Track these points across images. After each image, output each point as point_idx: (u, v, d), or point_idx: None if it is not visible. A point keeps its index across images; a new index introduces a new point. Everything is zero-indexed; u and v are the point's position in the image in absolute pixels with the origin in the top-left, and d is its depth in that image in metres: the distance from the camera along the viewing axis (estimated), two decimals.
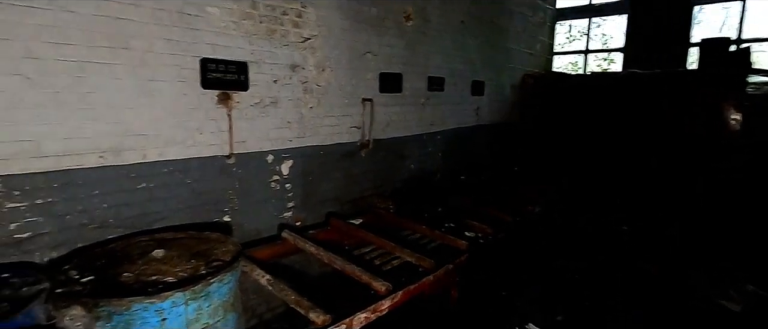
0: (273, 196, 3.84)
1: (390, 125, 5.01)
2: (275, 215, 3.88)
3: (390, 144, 5.05)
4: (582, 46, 8.82)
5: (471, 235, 3.96)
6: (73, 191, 2.65)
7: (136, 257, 2.49)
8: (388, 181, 5.12)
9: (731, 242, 5.04)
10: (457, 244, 3.54)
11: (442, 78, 5.72)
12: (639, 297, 3.98)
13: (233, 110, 3.40)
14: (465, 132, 6.43)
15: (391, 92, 4.93)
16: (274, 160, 3.79)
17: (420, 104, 5.44)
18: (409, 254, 3.25)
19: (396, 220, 4.07)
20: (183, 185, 3.20)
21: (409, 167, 5.43)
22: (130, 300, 1.92)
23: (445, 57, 5.74)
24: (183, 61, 3.06)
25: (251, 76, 3.49)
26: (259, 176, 3.70)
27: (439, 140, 5.90)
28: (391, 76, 4.89)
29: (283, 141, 3.84)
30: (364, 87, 4.58)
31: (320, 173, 4.26)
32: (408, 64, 5.13)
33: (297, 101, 3.90)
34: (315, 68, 4.01)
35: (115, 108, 2.77)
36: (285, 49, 3.72)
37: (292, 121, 3.90)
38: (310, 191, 4.18)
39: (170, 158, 3.09)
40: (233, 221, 3.55)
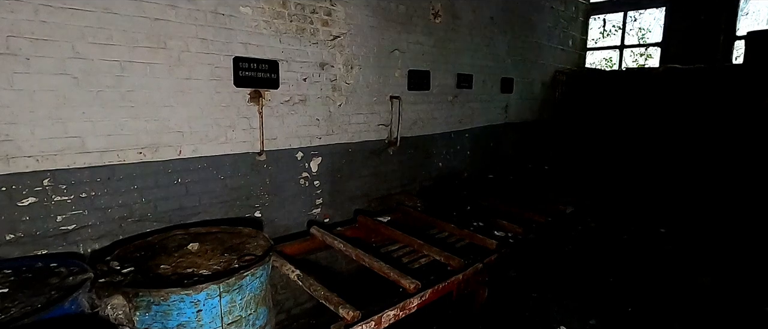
0: (302, 193, 3.89)
1: (417, 123, 4.98)
2: (304, 211, 3.93)
3: (417, 142, 5.03)
4: (617, 41, 8.49)
5: (501, 234, 3.89)
6: (114, 186, 2.77)
7: (172, 250, 2.58)
8: (416, 179, 5.10)
9: None
10: (486, 243, 3.48)
11: (470, 75, 5.64)
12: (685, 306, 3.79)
13: (264, 108, 3.46)
14: (494, 130, 6.33)
15: (418, 89, 4.90)
16: (303, 157, 3.84)
17: (448, 102, 5.38)
18: (438, 252, 3.22)
19: (424, 218, 4.04)
20: (216, 181, 3.29)
21: (436, 165, 5.39)
22: (169, 291, 1.98)
23: (473, 54, 5.65)
24: (217, 60, 3.14)
25: (281, 74, 3.55)
26: (289, 173, 3.76)
27: (467, 138, 5.82)
28: (418, 73, 4.86)
29: (311, 138, 3.88)
30: (391, 85, 4.57)
31: (348, 171, 4.28)
32: (436, 62, 5.08)
33: (325, 99, 3.94)
34: (343, 66, 4.04)
35: (153, 106, 2.87)
36: (314, 48, 3.76)
37: (321, 118, 3.93)
38: (338, 188, 4.21)
39: (204, 154, 3.18)
40: (264, 217, 3.62)
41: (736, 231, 5.19)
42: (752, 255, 4.67)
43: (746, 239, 5.02)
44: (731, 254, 4.72)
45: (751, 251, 4.76)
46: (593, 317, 3.62)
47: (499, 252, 3.39)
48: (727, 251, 4.79)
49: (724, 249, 4.84)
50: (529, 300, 3.83)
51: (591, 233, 5.16)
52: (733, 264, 4.50)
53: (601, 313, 3.64)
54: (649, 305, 3.78)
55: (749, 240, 4.97)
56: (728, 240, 5.02)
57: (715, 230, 5.29)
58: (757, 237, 5.01)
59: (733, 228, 5.26)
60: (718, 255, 4.72)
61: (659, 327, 3.52)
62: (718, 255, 4.72)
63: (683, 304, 3.82)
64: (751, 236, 5.05)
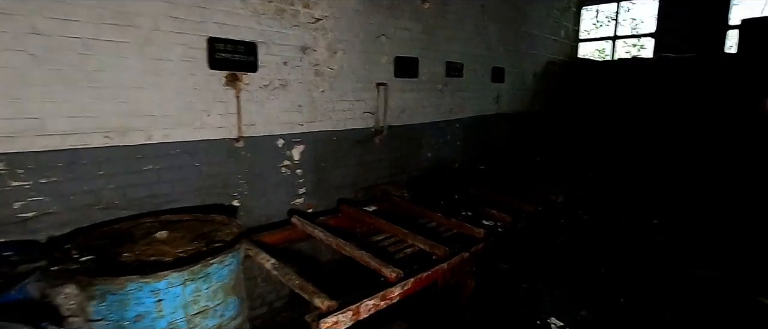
0: (283, 181, 3.75)
1: (405, 112, 4.85)
2: (286, 200, 3.79)
3: (406, 131, 4.90)
4: (610, 32, 8.40)
5: (489, 224, 3.77)
6: (78, 171, 2.61)
7: (139, 237, 2.44)
8: (404, 169, 4.97)
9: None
10: (474, 232, 3.37)
11: (460, 64, 5.51)
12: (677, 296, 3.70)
13: (242, 92, 3.32)
14: (485, 120, 6.21)
15: (406, 77, 4.77)
16: (284, 144, 3.70)
17: (437, 91, 5.25)
18: (423, 241, 3.10)
19: (411, 208, 3.92)
20: (191, 168, 3.14)
21: (426, 155, 5.26)
22: (125, 278, 1.85)
23: (463, 42, 5.52)
24: (190, 40, 2.98)
25: (260, 57, 3.40)
26: (269, 161, 3.61)
27: (457, 128, 5.70)
28: (406, 60, 4.72)
29: (293, 125, 3.74)
30: (378, 71, 4.43)
31: (333, 159, 4.14)
32: (425, 49, 4.95)
33: (308, 84, 3.79)
34: (326, 50, 3.89)
35: (121, 87, 2.72)
36: (295, 30, 3.61)
37: (303, 104, 3.79)
38: (322, 177, 4.07)
39: (177, 139, 3.03)
40: (243, 206, 3.48)
41: (728, 221, 5.12)
42: (745, 244, 4.60)
43: (738, 228, 4.95)
44: (724, 244, 4.65)
45: (743, 240, 4.69)
46: (585, 308, 3.52)
47: (486, 241, 3.27)
48: (719, 241, 4.71)
49: (717, 239, 4.77)
50: (519, 290, 3.73)
51: (583, 224, 5.06)
52: (726, 253, 4.43)
53: (592, 304, 3.55)
54: (641, 296, 3.68)
55: (742, 230, 4.90)
56: (721, 230, 4.95)
57: (708, 220, 5.21)
58: (750, 226, 4.95)
59: (725, 218, 5.18)
60: (711, 245, 4.65)
61: (651, 317, 3.43)
62: (710, 245, 4.65)
63: (675, 294, 3.73)
64: (743, 226, 4.98)
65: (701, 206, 5.53)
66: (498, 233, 3.57)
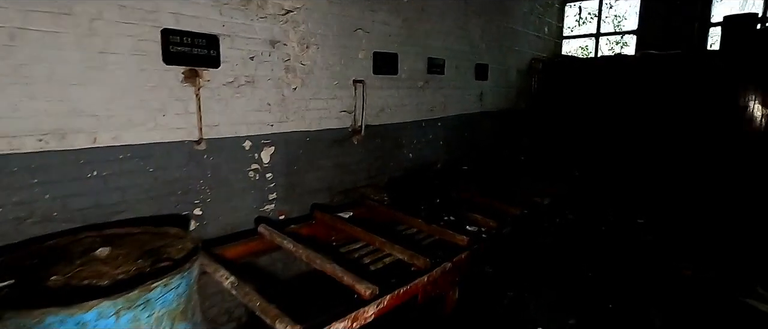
0: (252, 186, 3.46)
1: (385, 110, 4.60)
2: (255, 207, 3.50)
3: (385, 131, 4.65)
4: (592, 29, 8.33)
5: (473, 229, 3.56)
6: (6, 180, 2.28)
7: (76, 255, 2.12)
8: (384, 171, 4.73)
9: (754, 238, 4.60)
10: (457, 240, 3.15)
11: (442, 60, 5.29)
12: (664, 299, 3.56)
13: (202, 89, 3.01)
14: (468, 119, 6.01)
15: (385, 73, 4.52)
16: (252, 146, 3.41)
17: (418, 88, 5.02)
18: (401, 251, 2.86)
19: (390, 213, 3.68)
20: (144, 174, 2.83)
21: (407, 155, 5.03)
22: (43, 311, 1.55)
23: (445, 37, 5.30)
24: (140, 31, 2.67)
25: (223, 51, 3.10)
26: (235, 164, 3.32)
27: (439, 127, 5.48)
28: (385, 56, 4.47)
29: (262, 126, 3.45)
30: (355, 67, 4.17)
31: (307, 162, 3.87)
32: (405, 44, 4.71)
33: (278, 81, 3.51)
34: (298, 45, 3.61)
35: (57, 84, 2.39)
36: (263, 23, 3.32)
37: (273, 103, 3.51)
38: (295, 181, 3.79)
39: (128, 142, 2.72)
40: (206, 214, 3.18)
41: (714, 220, 5.04)
42: (730, 243, 4.51)
43: (724, 227, 4.87)
44: (710, 243, 4.55)
45: (729, 240, 4.61)
46: (573, 316, 3.34)
47: (470, 249, 3.05)
48: (706, 240, 4.62)
49: (703, 238, 4.68)
50: (504, 298, 3.52)
51: (569, 225, 4.91)
52: (712, 253, 4.33)
53: (580, 311, 3.37)
54: (630, 300, 3.53)
55: (727, 229, 4.83)
56: (707, 229, 4.87)
57: (694, 219, 5.13)
58: (735, 225, 4.87)
59: (711, 216, 5.11)
60: (698, 244, 4.55)
61: (639, 322, 3.27)
62: (697, 244, 4.55)
63: (665, 298, 3.59)
64: (728, 224, 4.90)
65: (687, 203, 5.45)
66: (482, 239, 3.35)
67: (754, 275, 3.91)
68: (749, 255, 4.31)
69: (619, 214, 5.36)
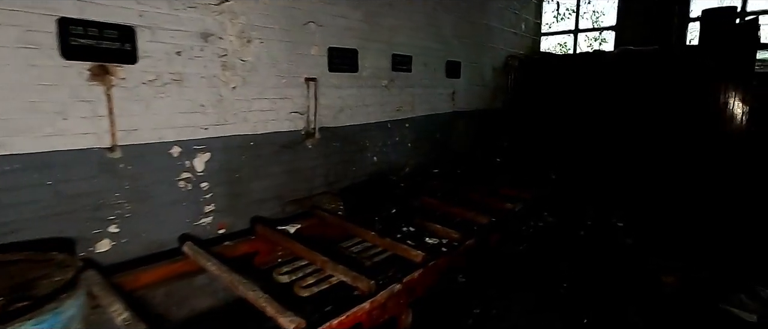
0: (183, 198, 3.06)
1: (344, 111, 4.24)
2: (188, 221, 3.11)
3: (346, 133, 4.29)
4: (571, 25, 8.11)
5: (433, 242, 3.22)
6: None
7: None
8: (346, 176, 4.36)
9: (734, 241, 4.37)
10: (411, 255, 2.80)
11: (408, 56, 4.95)
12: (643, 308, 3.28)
13: (115, 89, 2.62)
14: (439, 119, 5.68)
15: (344, 71, 4.16)
16: (182, 153, 3.01)
17: (382, 87, 4.67)
18: (344, 272, 2.50)
19: (342, 225, 3.32)
20: (42, 187, 2.42)
21: (371, 159, 4.67)
22: None
23: (412, 33, 4.96)
24: (29, 20, 2.27)
25: (142, 45, 2.71)
26: (161, 174, 2.92)
27: (407, 128, 5.14)
28: (343, 52, 4.11)
29: (194, 129, 3.07)
30: (307, 64, 3.80)
31: (252, 169, 3.49)
32: (366, 40, 4.35)
33: (213, 79, 3.12)
34: (237, 39, 3.23)
35: None
36: (192, 13, 2.94)
37: (208, 104, 3.12)
38: (238, 190, 3.41)
39: (16, 151, 2.31)
40: (124, 232, 2.78)
41: (695, 219, 4.80)
42: (710, 247, 4.27)
43: (706, 227, 4.64)
44: (694, 243, 4.31)
45: (712, 239, 4.38)
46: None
47: (425, 266, 2.71)
48: (689, 241, 4.38)
49: (686, 238, 4.43)
50: (470, 316, 3.19)
51: (545, 230, 4.61)
52: (693, 258, 4.07)
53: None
54: (606, 312, 3.24)
55: (709, 228, 4.59)
56: (689, 229, 4.63)
57: (675, 219, 4.89)
58: (716, 224, 4.64)
59: (692, 216, 4.86)
60: (680, 245, 4.30)
61: None
62: (679, 245, 4.30)
63: (643, 306, 3.31)
64: (710, 224, 4.67)
65: (668, 203, 5.21)
66: (442, 253, 3.01)
67: (742, 274, 3.69)
68: (734, 253, 4.09)
69: (598, 217, 5.09)
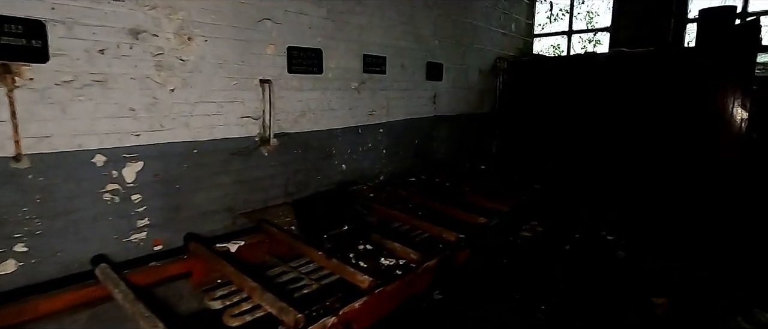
0: (110, 212, 2.76)
1: (307, 115, 3.93)
2: (115, 238, 2.81)
3: (308, 139, 3.98)
4: (564, 26, 7.77)
5: (389, 263, 2.90)
6: None
7: None
8: (307, 186, 4.05)
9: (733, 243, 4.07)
10: (357, 281, 2.48)
11: (382, 57, 4.64)
12: None
13: (20, 91, 2.32)
14: (418, 124, 5.36)
15: (306, 72, 3.85)
16: (107, 162, 2.71)
17: (352, 89, 4.36)
18: (271, 302, 2.18)
19: (289, 243, 3.00)
20: None
21: (338, 167, 4.36)
22: None
23: (386, 32, 4.65)
24: None
25: (55, 42, 2.41)
26: (81, 186, 2.63)
27: (381, 133, 4.82)
28: (305, 52, 3.81)
29: (123, 136, 2.76)
30: (262, 65, 3.50)
31: (195, 179, 3.18)
32: (332, 38, 4.04)
33: (145, 81, 2.82)
34: (175, 36, 2.93)
35: None
36: (118, 7, 2.64)
37: (139, 108, 2.82)
38: (178, 202, 3.10)
39: None
40: (35, 251, 2.48)
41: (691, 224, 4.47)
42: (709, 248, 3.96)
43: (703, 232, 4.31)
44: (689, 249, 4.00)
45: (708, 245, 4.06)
46: None
47: (371, 294, 2.38)
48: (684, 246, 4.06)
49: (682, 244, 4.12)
50: None
51: (533, 241, 4.28)
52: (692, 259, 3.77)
53: None
54: None
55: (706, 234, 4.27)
56: (685, 235, 4.30)
57: (671, 225, 4.56)
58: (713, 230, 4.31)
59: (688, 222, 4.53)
60: (676, 250, 3.99)
61: None
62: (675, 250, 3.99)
63: None
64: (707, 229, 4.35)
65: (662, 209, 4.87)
66: (396, 277, 2.68)
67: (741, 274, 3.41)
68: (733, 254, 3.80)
69: (587, 229, 4.75)
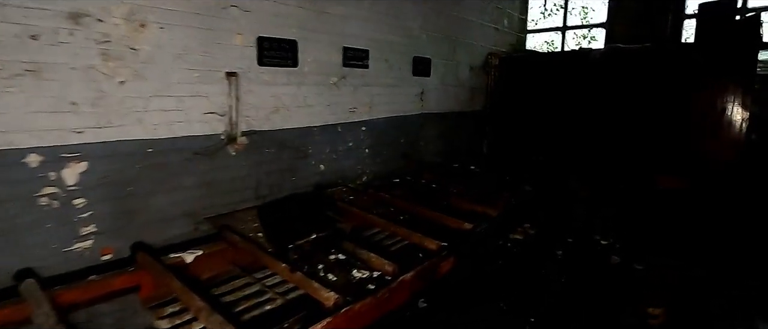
0: (47, 218, 2.46)
1: (280, 111, 3.64)
2: (54, 247, 2.51)
3: (281, 137, 3.69)
4: (559, 22, 7.52)
5: (362, 276, 2.62)
6: None
7: None
8: (281, 187, 3.76)
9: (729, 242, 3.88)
10: (322, 297, 2.20)
11: (364, 50, 4.36)
12: None
13: None
14: (404, 122, 5.08)
15: (279, 65, 3.56)
16: (44, 162, 2.41)
17: (331, 84, 4.07)
18: (219, 325, 1.90)
19: (254, 253, 2.71)
20: None
21: (316, 168, 4.07)
22: None
23: (369, 24, 4.37)
24: None
25: None
26: (11, 189, 2.32)
27: (363, 132, 4.54)
28: (277, 43, 3.52)
29: (62, 133, 2.46)
30: (228, 56, 3.21)
31: (151, 181, 2.89)
32: (308, 29, 3.75)
33: (89, 72, 2.52)
34: (125, 22, 2.63)
35: None
36: None
37: (82, 102, 2.52)
38: (130, 207, 2.81)
39: None
40: None
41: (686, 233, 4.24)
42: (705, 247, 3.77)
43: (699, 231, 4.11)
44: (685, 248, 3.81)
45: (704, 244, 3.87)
46: None
47: (336, 313, 2.11)
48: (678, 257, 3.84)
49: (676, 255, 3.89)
50: None
51: (520, 245, 4.03)
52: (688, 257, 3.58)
53: None
54: None
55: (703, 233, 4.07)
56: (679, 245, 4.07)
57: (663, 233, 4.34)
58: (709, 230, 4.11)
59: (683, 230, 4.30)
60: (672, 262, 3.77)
61: None
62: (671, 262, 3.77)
63: None
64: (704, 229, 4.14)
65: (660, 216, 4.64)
66: (367, 292, 2.41)
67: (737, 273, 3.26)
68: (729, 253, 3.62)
69: (580, 230, 4.52)
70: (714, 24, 4.92)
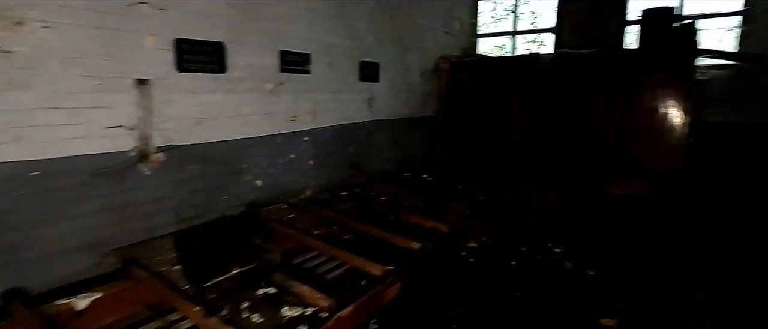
0: None
1: (204, 123, 3.23)
2: None
3: (208, 151, 3.28)
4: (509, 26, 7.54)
5: (293, 314, 2.29)
6: None
7: None
8: (209, 209, 3.35)
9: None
10: None
11: (305, 54, 4.02)
12: None
13: None
14: (352, 130, 4.79)
15: (202, 70, 3.16)
16: None
17: (267, 91, 3.70)
18: None
19: (163, 292, 2.31)
20: None
21: (251, 184, 3.68)
22: None
23: (310, 25, 4.04)
24: None
25: None
26: None
27: (306, 142, 4.19)
28: (200, 45, 3.11)
29: None
30: (139, 61, 2.77)
31: (38, 209, 2.41)
32: (238, 30, 3.37)
33: None
34: None
35: None
36: None
37: None
38: (13, 241, 2.33)
39: None
40: None
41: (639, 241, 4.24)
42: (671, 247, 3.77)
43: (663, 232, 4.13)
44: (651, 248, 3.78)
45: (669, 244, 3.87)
46: None
47: None
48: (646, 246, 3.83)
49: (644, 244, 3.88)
50: None
51: (476, 254, 3.85)
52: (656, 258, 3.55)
53: None
54: None
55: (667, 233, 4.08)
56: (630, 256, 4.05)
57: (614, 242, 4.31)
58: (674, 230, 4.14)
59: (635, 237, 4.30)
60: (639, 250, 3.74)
61: None
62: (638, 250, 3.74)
63: None
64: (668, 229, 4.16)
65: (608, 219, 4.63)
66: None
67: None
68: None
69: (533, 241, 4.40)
70: (656, 30, 5.02)
